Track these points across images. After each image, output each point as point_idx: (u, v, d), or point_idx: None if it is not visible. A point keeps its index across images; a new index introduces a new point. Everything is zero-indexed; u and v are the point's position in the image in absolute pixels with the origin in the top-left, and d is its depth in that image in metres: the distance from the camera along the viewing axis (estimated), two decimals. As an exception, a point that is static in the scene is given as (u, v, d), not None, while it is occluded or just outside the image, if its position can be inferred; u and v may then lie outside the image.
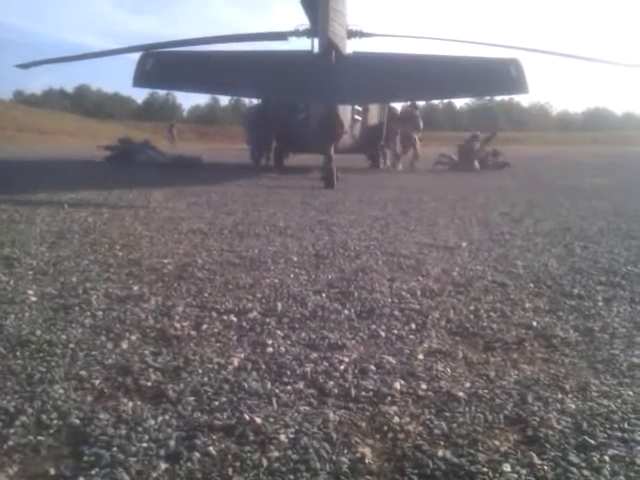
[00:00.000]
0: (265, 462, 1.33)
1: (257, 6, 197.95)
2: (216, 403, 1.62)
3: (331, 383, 1.76)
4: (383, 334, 2.22)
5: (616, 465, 1.34)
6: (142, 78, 9.37)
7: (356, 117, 12.49)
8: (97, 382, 1.74)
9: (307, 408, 1.60)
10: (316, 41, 10.15)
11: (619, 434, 1.48)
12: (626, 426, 1.52)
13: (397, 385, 1.75)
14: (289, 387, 1.73)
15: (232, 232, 4.49)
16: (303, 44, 12.84)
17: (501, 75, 9.35)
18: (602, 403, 1.65)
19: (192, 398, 1.65)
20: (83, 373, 1.80)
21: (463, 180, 11.02)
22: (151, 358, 1.94)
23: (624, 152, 30.35)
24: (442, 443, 1.43)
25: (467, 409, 1.61)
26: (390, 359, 1.96)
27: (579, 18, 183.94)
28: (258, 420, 1.51)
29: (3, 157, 16.86)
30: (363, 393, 1.70)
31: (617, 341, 2.17)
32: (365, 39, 12.72)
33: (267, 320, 2.36)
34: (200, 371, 1.84)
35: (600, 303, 2.67)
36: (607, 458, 1.36)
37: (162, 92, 73.60)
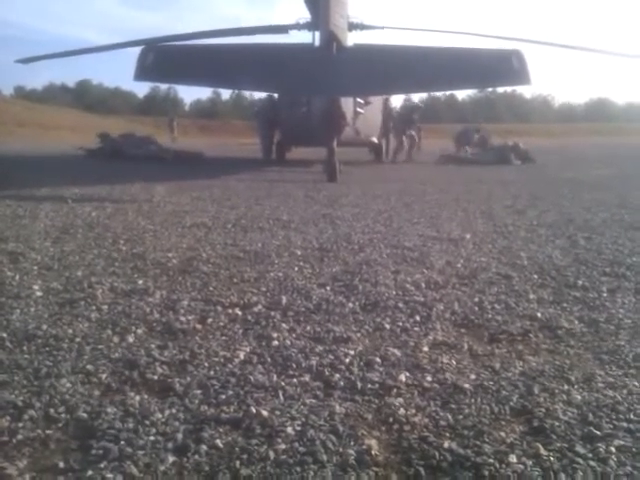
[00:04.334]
0: (272, 454, 1.33)
1: (261, 1, 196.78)
2: (223, 396, 1.62)
3: (337, 376, 1.77)
4: (388, 327, 2.22)
5: (622, 456, 1.35)
6: (143, 72, 9.35)
7: (358, 110, 12.44)
8: (104, 376, 1.75)
9: (313, 401, 1.61)
10: (317, 34, 10.11)
11: (625, 425, 1.48)
12: (632, 417, 1.52)
13: (402, 377, 1.76)
14: (295, 380, 1.74)
15: (236, 226, 4.50)
16: (304, 37, 12.81)
17: (503, 66, 9.30)
18: (608, 394, 1.65)
19: (199, 391, 1.65)
20: (90, 367, 1.81)
21: (466, 173, 10.98)
22: (157, 352, 1.94)
23: (627, 143, 30.16)
24: (448, 434, 1.44)
25: (473, 401, 1.62)
26: (395, 351, 1.96)
27: (580, 9, 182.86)
28: (265, 413, 1.52)
29: (5, 153, 16.85)
30: (369, 385, 1.71)
31: (622, 332, 2.17)
32: (366, 31, 12.67)
33: (272, 313, 2.36)
34: (206, 364, 1.85)
35: (605, 294, 2.67)
36: (613, 449, 1.37)
37: (163, 86, 73.59)
